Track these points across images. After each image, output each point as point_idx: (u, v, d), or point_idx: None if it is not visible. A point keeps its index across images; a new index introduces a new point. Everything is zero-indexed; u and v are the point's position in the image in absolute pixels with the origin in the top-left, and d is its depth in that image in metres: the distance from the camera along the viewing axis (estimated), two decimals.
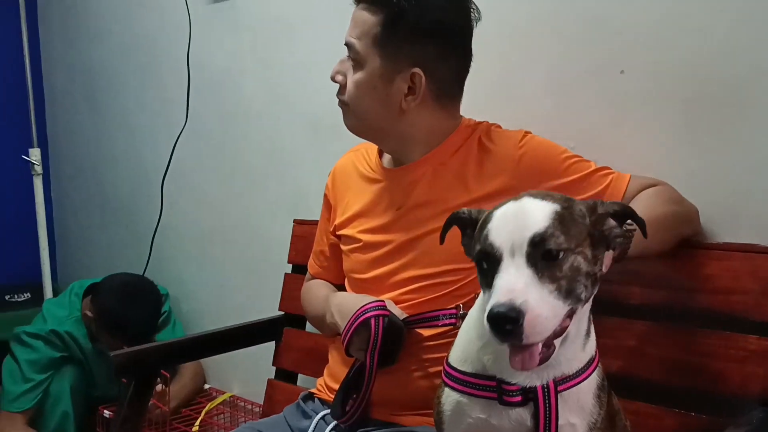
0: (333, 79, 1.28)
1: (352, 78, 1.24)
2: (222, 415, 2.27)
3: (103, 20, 2.84)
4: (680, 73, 1.28)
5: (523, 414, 0.87)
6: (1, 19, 2.81)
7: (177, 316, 2.52)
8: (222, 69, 2.32)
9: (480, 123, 1.31)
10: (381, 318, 1.16)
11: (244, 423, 2.11)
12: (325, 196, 1.49)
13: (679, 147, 1.30)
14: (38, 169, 2.64)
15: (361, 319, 1.15)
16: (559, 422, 0.86)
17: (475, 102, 1.35)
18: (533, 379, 0.86)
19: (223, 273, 2.39)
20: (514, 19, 1.51)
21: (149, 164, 2.63)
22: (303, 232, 1.83)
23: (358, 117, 1.28)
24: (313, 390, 1.40)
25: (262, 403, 1.89)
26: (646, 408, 1.18)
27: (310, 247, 1.57)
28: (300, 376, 1.81)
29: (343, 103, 1.29)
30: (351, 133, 1.35)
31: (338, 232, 1.41)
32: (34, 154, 2.64)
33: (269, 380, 1.80)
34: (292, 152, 2.14)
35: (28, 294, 2.86)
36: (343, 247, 1.39)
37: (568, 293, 0.80)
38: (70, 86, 3.08)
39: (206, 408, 2.24)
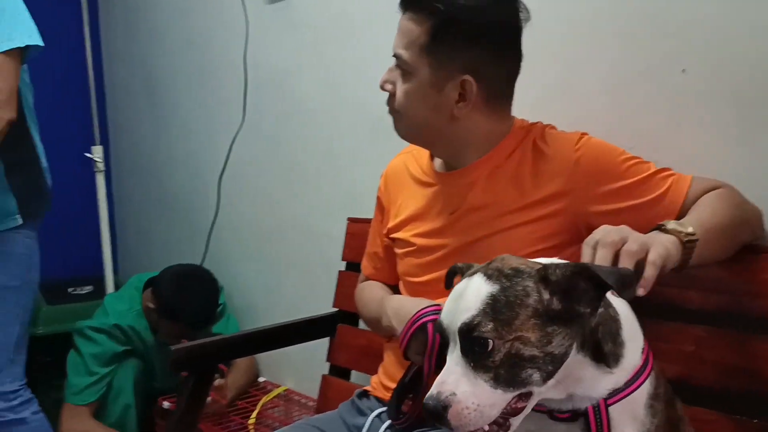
0: (382, 88, 1.27)
1: (402, 87, 1.23)
2: (276, 408, 2.31)
3: (162, 21, 2.91)
4: (742, 73, 1.25)
5: (573, 429, 0.87)
6: (64, 21, 2.89)
7: (231, 311, 2.57)
8: (278, 68, 2.35)
9: (534, 124, 1.30)
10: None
11: (299, 417, 2.15)
12: (378, 198, 1.50)
13: (740, 147, 1.27)
14: (100, 166, 2.72)
15: (418, 323, 1.14)
16: None
17: (531, 102, 1.34)
18: (581, 403, 0.86)
19: (278, 269, 2.43)
20: (571, 16, 1.49)
21: (206, 162, 2.68)
22: (357, 230, 1.84)
23: (410, 125, 1.27)
24: (368, 387, 1.41)
25: (315, 397, 1.91)
26: (703, 413, 1.16)
27: (364, 245, 1.58)
28: (353, 372, 1.83)
29: (393, 111, 1.28)
30: None
31: (391, 235, 1.41)
32: (97, 152, 2.71)
33: (324, 376, 1.83)
34: (347, 151, 2.16)
35: (91, 287, 2.94)
36: (397, 251, 1.39)
37: (510, 382, 0.78)
38: (130, 86, 3.17)
39: (262, 401, 2.28)
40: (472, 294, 0.81)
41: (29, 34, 1.84)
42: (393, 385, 1.31)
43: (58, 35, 2.50)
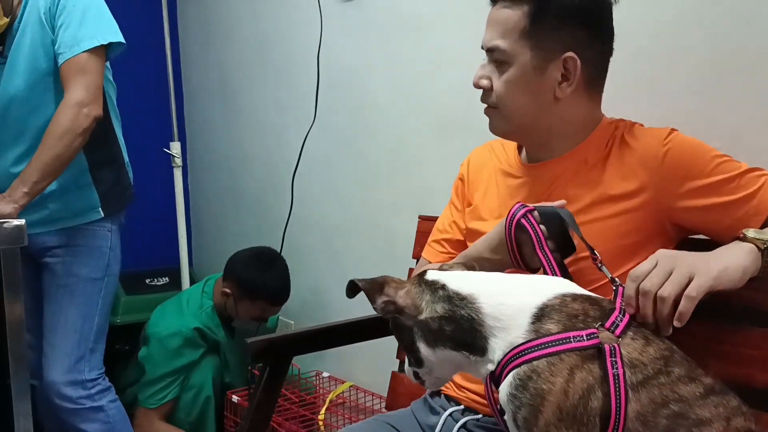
0: (477, 84, 1.24)
1: (501, 79, 1.21)
2: (344, 404, 2.32)
3: (237, 20, 2.96)
4: None
5: None
6: (145, 22, 2.97)
7: (303, 306, 2.61)
8: (351, 66, 2.36)
9: (622, 120, 1.27)
10: (529, 214, 1.13)
11: (368, 413, 2.15)
12: (459, 182, 1.46)
13: None
14: (178, 161, 2.79)
15: (513, 225, 1.13)
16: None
17: (617, 99, 1.31)
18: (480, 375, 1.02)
19: (349, 266, 2.44)
20: (660, 13, 1.45)
21: (279, 159, 2.72)
22: (428, 228, 1.82)
23: (509, 117, 1.24)
24: None
25: (382, 393, 1.91)
26: None
27: None
28: None
29: (490, 108, 1.25)
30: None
31: (470, 225, 1.38)
32: (175, 148, 2.79)
33: (393, 373, 1.82)
34: (418, 149, 2.15)
35: (167, 278, 3.01)
36: (470, 243, 1.37)
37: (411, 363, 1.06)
38: (206, 84, 3.23)
39: (330, 396, 2.30)
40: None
41: (112, 33, 1.90)
42: (465, 384, 1.30)
43: (139, 38, 2.57)
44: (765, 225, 1.10)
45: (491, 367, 0.96)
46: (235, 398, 2.31)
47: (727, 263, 0.95)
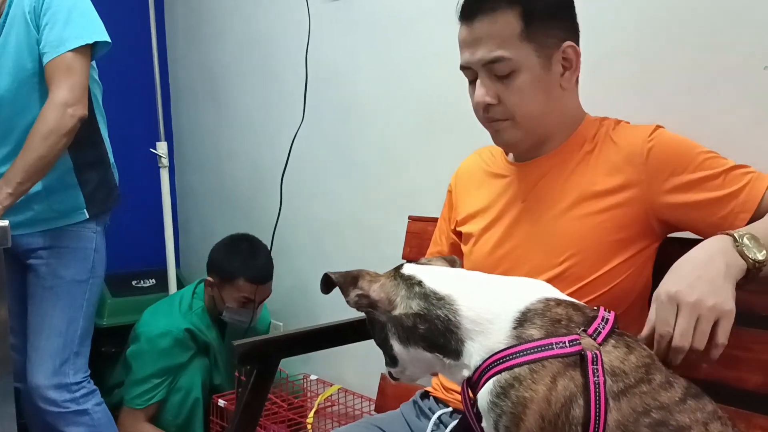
0: (484, 102, 1.20)
1: (512, 88, 1.18)
2: (333, 407, 2.31)
3: (224, 20, 2.94)
4: None
5: None
6: (131, 22, 2.95)
7: (293, 307, 2.60)
8: (339, 66, 2.35)
9: (606, 118, 1.28)
10: None
11: (357, 416, 2.14)
12: (448, 195, 1.48)
13: None
14: (165, 161, 2.77)
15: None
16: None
17: (607, 98, 1.31)
18: (455, 381, 1.00)
19: (338, 267, 2.41)
20: (649, 11, 1.44)
21: (268, 159, 2.70)
22: (418, 228, 1.82)
23: (526, 123, 1.21)
24: (429, 388, 1.39)
25: (371, 396, 1.90)
26: None
27: (424, 244, 1.56)
28: None
29: (499, 121, 1.22)
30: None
31: (459, 228, 1.40)
32: (161, 148, 2.77)
33: (382, 374, 1.81)
34: (407, 148, 2.14)
35: (153, 280, 3.00)
36: (464, 247, 1.37)
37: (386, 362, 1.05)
38: (193, 84, 3.21)
39: (319, 399, 2.29)
40: None
41: (97, 32, 1.88)
42: (453, 386, 1.30)
43: (126, 37, 2.55)
44: (751, 221, 1.09)
45: (467, 372, 0.93)
46: (221, 402, 2.29)
47: (728, 294, 0.94)
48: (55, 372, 1.99)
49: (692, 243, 1.01)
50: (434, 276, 0.99)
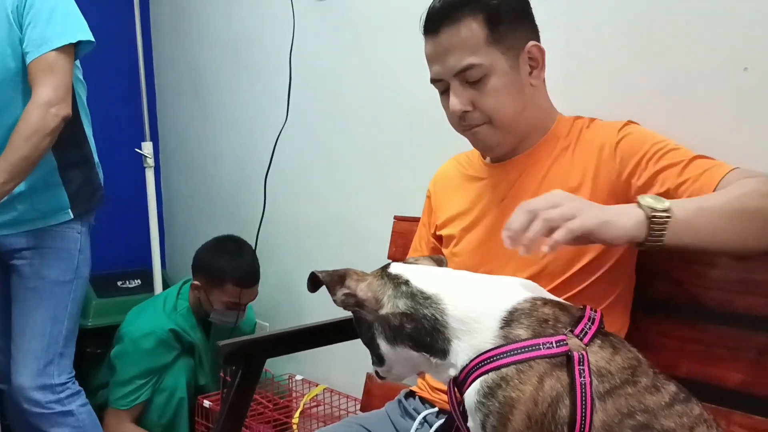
0: (462, 110, 1.22)
1: (485, 92, 1.20)
2: (319, 407, 2.31)
3: (210, 19, 2.93)
4: None
5: None
6: (116, 21, 2.93)
7: (278, 308, 2.59)
8: (324, 66, 2.35)
9: (580, 117, 1.31)
10: None
11: (343, 415, 2.14)
12: (427, 201, 1.50)
13: None
14: (150, 161, 2.76)
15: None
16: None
17: (590, 99, 1.32)
18: (441, 380, 1.00)
19: (323, 267, 2.41)
20: (630, 13, 1.45)
21: (252, 159, 2.70)
22: (403, 228, 1.83)
23: (504, 124, 1.24)
24: (414, 388, 1.40)
25: (355, 395, 1.90)
26: (766, 424, 1.12)
27: (410, 244, 1.57)
28: None
29: (479, 126, 1.24)
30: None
31: (439, 232, 1.41)
32: (147, 148, 2.75)
33: (368, 374, 1.82)
34: (392, 149, 2.14)
35: (139, 281, 2.98)
36: (446, 249, 1.39)
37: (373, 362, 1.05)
38: (178, 83, 3.20)
39: (304, 399, 2.29)
40: None
41: (81, 31, 1.87)
42: (439, 386, 1.30)
43: (110, 36, 2.54)
44: None
45: (453, 372, 0.94)
46: (207, 403, 2.28)
47: (612, 219, 0.94)
48: (39, 373, 1.98)
49: None
50: (421, 275, 0.99)
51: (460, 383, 0.93)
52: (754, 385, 1.14)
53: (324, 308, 2.37)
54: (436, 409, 1.30)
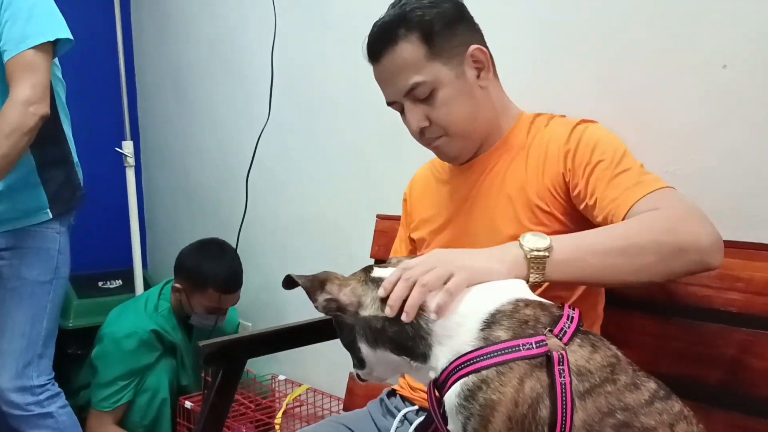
0: (419, 127, 1.25)
1: (436, 105, 1.22)
2: (302, 407, 2.30)
3: (191, 17, 2.92)
4: None
5: None
6: (96, 18, 2.92)
7: (261, 307, 2.58)
8: (306, 64, 2.34)
9: (541, 113, 1.32)
10: None
11: (326, 415, 2.14)
12: (404, 204, 1.51)
13: None
14: (130, 161, 2.74)
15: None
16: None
17: (569, 98, 1.32)
18: (422, 383, 1.01)
19: (305, 266, 2.41)
20: (610, 12, 1.46)
21: (234, 158, 2.69)
22: (386, 227, 1.83)
23: (459, 134, 1.25)
24: (396, 387, 1.40)
25: (338, 395, 1.89)
26: (748, 421, 1.13)
27: (392, 243, 1.57)
28: None
29: (438, 138, 1.26)
30: None
31: (412, 234, 1.43)
32: (127, 147, 2.73)
33: (351, 374, 1.81)
34: (374, 148, 2.14)
35: (120, 281, 2.97)
36: (419, 253, 1.40)
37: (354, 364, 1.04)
38: (160, 82, 3.18)
39: (287, 399, 2.28)
40: None
41: (60, 29, 1.85)
42: (419, 385, 1.30)
43: (90, 34, 2.52)
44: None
45: (433, 374, 0.93)
46: (188, 404, 2.27)
47: (487, 267, 0.96)
48: (18, 374, 1.96)
49: None
50: None
51: (440, 385, 0.92)
52: (734, 382, 1.15)
53: (307, 308, 2.37)
54: (416, 407, 1.31)
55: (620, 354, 0.93)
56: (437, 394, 0.94)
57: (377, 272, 1.01)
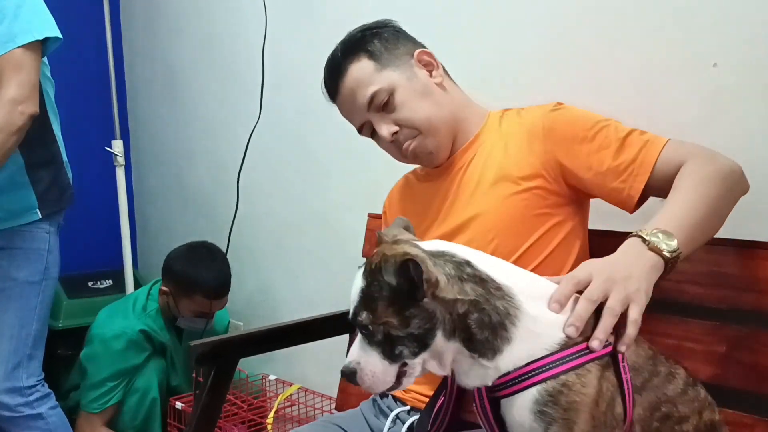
0: (391, 134, 1.29)
1: (398, 106, 1.28)
2: (294, 407, 2.30)
3: (182, 15, 2.90)
4: None
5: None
6: (85, 16, 2.90)
7: (252, 307, 2.57)
8: (298, 62, 2.34)
9: (509, 109, 1.35)
10: None
11: (318, 415, 2.13)
12: (384, 216, 1.53)
13: None
14: (120, 160, 2.72)
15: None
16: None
17: (561, 96, 1.32)
18: (467, 386, 0.93)
19: (297, 265, 2.42)
20: (602, 11, 1.46)
21: (226, 156, 2.68)
22: (377, 225, 1.82)
23: (430, 130, 1.30)
24: None
25: (330, 394, 1.89)
26: (738, 417, 1.13)
27: None
28: None
29: (413, 140, 1.30)
30: None
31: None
32: (117, 146, 2.72)
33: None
34: (366, 146, 2.12)
35: (110, 281, 2.95)
36: None
37: (390, 355, 0.89)
38: (150, 80, 3.17)
39: (279, 399, 2.27)
40: (355, 288, 0.91)
41: (48, 27, 1.84)
42: (410, 386, 1.29)
43: (79, 31, 2.50)
44: (649, 182, 1.15)
45: (494, 374, 0.88)
46: (179, 404, 2.26)
47: (648, 283, 0.94)
48: (7, 376, 1.95)
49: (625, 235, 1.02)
50: (479, 257, 0.91)
51: (496, 388, 0.88)
52: (726, 378, 1.15)
53: (299, 307, 2.38)
54: (408, 407, 1.30)
55: (652, 346, 0.95)
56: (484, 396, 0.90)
57: (438, 244, 0.93)
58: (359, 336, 0.91)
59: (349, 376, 0.91)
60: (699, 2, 1.31)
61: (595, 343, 0.87)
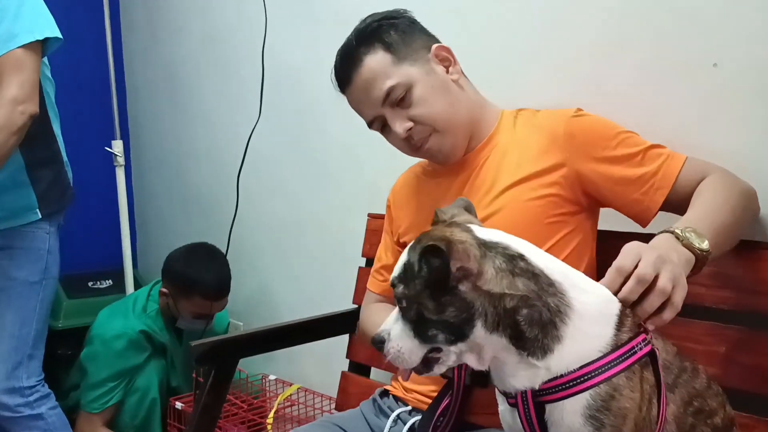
0: (406, 131, 1.26)
1: (415, 101, 1.25)
2: (294, 407, 2.30)
3: (182, 15, 2.90)
4: None
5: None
6: (85, 16, 2.90)
7: (252, 307, 2.57)
8: (298, 62, 2.33)
9: (523, 109, 1.34)
10: None
11: (317, 415, 2.13)
12: (388, 210, 1.51)
13: None
14: (120, 160, 2.72)
15: None
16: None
17: (562, 96, 1.32)
18: (509, 388, 0.89)
19: (297, 265, 2.42)
20: (603, 10, 1.46)
21: (226, 156, 2.68)
22: (377, 226, 1.82)
23: (446, 127, 1.27)
24: (388, 387, 1.40)
25: (330, 394, 1.89)
26: (737, 417, 1.13)
27: None
28: (373, 369, 1.81)
29: (427, 138, 1.27)
30: None
31: (403, 239, 1.42)
32: (117, 146, 2.72)
33: (343, 372, 1.81)
34: (366, 146, 2.13)
35: (110, 281, 2.95)
36: None
37: (420, 335, 0.87)
38: (151, 80, 3.17)
39: (279, 399, 2.27)
40: (402, 257, 0.90)
41: (48, 27, 1.84)
42: (412, 386, 1.30)
43: (79, 31, 2.50)
44: (669, 197, 1.16)
45: (545, 375, 0.84)
46: (178, 404, 2.26)
47: (684, 267, 0.93)
48: (7, 376, 1.95)
49: (632, 236, 1.01)
50: (531, 250, 0.87)
51: (542, 391, 0.85)
52: (727, 379, 1.15)
53: (299, 307, 2.37)
54: (410, 407, 1.30)
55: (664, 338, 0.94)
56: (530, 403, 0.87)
57: (489, 234, 0.88)
58: (397, 307, 0.91)
59: (377, 344, 0.90)
60: (699, 2, 1.31)
61: (649, 324, 0.85)
